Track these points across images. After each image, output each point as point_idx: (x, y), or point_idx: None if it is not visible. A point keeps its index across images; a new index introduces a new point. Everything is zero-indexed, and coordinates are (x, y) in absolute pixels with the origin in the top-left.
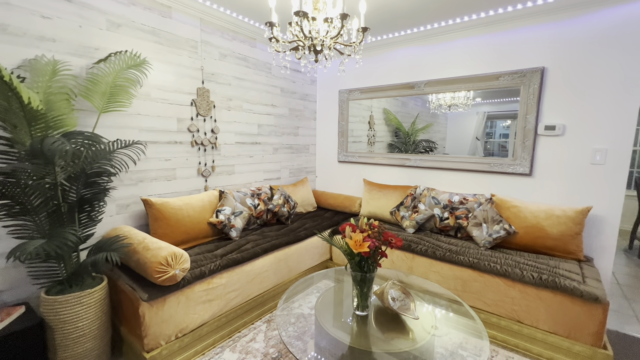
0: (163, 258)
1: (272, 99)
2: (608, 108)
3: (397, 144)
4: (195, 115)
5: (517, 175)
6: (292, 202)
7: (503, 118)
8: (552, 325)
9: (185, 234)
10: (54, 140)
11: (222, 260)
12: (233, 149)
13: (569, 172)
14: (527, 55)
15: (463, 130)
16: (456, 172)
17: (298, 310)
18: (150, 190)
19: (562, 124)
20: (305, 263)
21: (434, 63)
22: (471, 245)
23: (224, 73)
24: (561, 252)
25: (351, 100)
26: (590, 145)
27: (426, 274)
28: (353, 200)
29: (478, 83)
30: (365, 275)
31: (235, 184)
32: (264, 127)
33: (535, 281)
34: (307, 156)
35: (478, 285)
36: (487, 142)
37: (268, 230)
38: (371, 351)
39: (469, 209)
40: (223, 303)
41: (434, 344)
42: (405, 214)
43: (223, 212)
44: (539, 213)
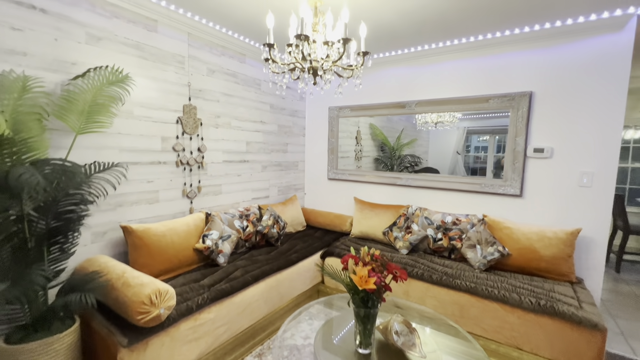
0: (146, 297)
1: (262, 116)
2: (593, 132)
3: (383, 159)
4: (181, 133)
5: (507, 196)
6: (281, 223)
7: (482, 133)
8: (551, 351)
9: (168, 263)
10: (22, 172)
11: (210, 292)
12: (220, 167)
13: (558, 194)
14: (516, 79)
15: (444, 145)
16: (447, 191)
17: (291, 342)
18: (130, 215)
19: (550, 146)
20: (297, 288)
21: (425, 83)
22: (466, 268)
23: (212, 89)
24: (554, 274)
25: (341, 117)
26: (578, 168)
27: (423, 299)
28: (344, 219)
29: (468, 105)
30: (370, 311)
31: (222, 204)
32: (253, 145)
33: (534, 307)
34: (296, 173)
35: (476, 311)
36: (467, 156)
37: (257, 254)
38: None
39: (462, 229)
40: (211, 340)
41: None
42: (399, 235)
43: (210, 236)
44: (531, 235)
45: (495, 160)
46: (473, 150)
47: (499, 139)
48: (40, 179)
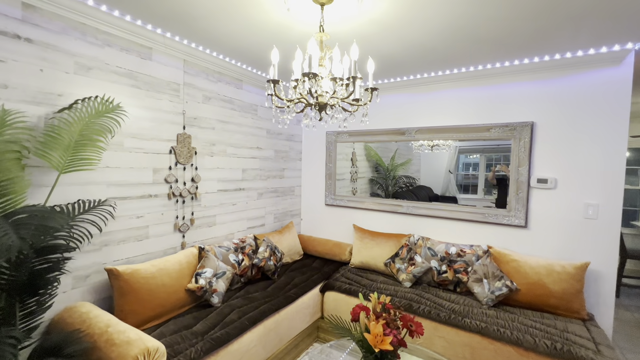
0: (133, 359)
1: (258, 142)
2: (596, 164)
3: (377, 179)
4: (174, 163)
5: (512, 227)
6: (278, 254)
7: (472, 152)
8: None
9: (159, 308)
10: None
11: (205, 343)
12: (215, 197)
13: (564, 226)
14: (517, 109)
15: (436, 164)
16: (450, 220)
17: None
18: (117, 254)
19: (553, 177)
20: (296, 328)
21: (425, 110)
22: (474, 304)
23: (207, 117)
24: (565, 310)
25: (339, 143)
26: (582, 200)
27: (431, 339)
28: (343, 247)
29: (469, 133)
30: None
31: (216, 236)
32: (249, 172)
33: (550, 351)
34: (293, 199)
35: (488, 354)
36: (458, 174)
37: (253, 290)
38: None
39: (468, 262)
40: None
41: None
42: (402, 267)
43: (203, 275)
44: (540, 269)
45: (485, 178)
46: (462, 167)
47: (489, 157)
48: (15, 239)
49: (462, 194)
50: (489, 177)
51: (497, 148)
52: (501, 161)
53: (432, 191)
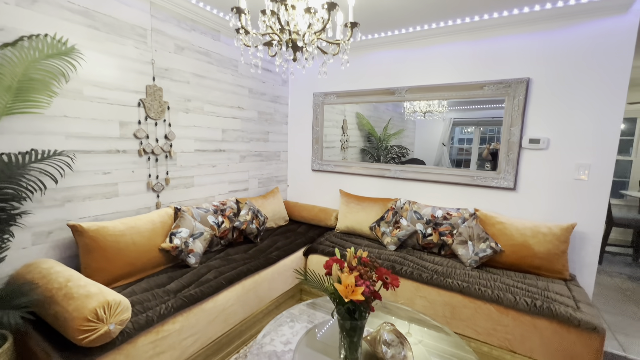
0: (91, 312)
1: (239, 101)
2: (591, 122)
3: (369, 150)
4: (144, 118)
5: (501, 190)
6: (261, 218)
7: (467, 125)
8: (546, 354)
9: (129, 266)
10: None
11: (176, 300)
12: (192, 157)
13: (553, 187)
14: (512, 65)
15: (430, 136)
16: (438, 184)
17: (270, 347)
18: (83, 211)
19: (546, 137)
20: (277, 289)
21: (416, 68)
22: (457, 265)
23: (180, 69)
24: (548, 271)
25: (326, 105)
26: (574, 160)
27: (412, 300)
28: (329, 212)
29: (462, 92)
30: (357, 323)
31: (195, 198)
32: (230, 133)
33: (529, 308)
34: (278, 164)
35: (468, 312)
36: (451, 147)
37: (234, 252)
38: None
39: (453, 224)
40: (177, 353)
41: None
42: (387, 230)
43: (179, 234)
44: (525, 230)
45: (479, 152)
46: (457, 142)
47: (483, 130)
48: None
49: (454, 168)
50: (484, 154)
51: (492, 121)
52: (495, 134)
53: (425, 164)
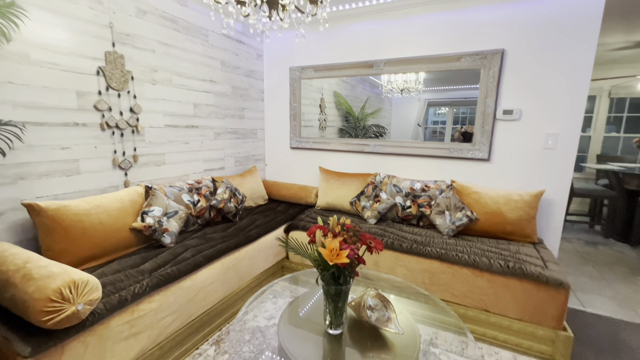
0: (54, 291)
1: (211, 74)
2: (560, 94)
3: (347, 129)
4: (104, 88)
5: (475, 161)
6: (239, 196)
7: (441, 105)
8: (517, 312)
9: (97, 247)
10: None
11: (152, 279)
12: (162, 133)
13: (525, 157)
14: (488, 36)
15: (406, 117)
16: (416, 157)
17: (253, 323)
18: (40, 190)
19: (519, 108)
20: (258, 267)
21: (394, 40)
22: (435, 235)
23: (144, 35)
24: (519, 236)
25: (304, 79)
26: (544, 130)
27: (393, 269)
28: (309, 190)
29: (439, 64)
30: (342, 288)
31: (167, 177)
32: (202, 108)
33: (503, 270)
34: (255, 142)
35: (446, 277)
36: (426, 128)
37: (212, 231)
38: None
39: (431, 196)
40: (155, 333)
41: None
42: (367, 204)
43: (151, 213)
44: (498, 199)
45: (452, 134)
46: (431, 123)
47: (456, 112)
48: None
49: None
50: (455, 136)
51: (465, 101)
52: (468, 114)
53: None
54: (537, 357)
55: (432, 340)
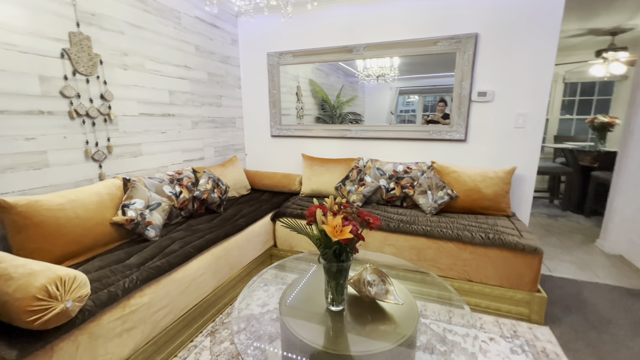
0: (40, 289)
1: (186, 59)
2: (528, 76)
3: (324, 117)
4: (71, 73)
5: (453, 142)
6: (223, 186)
7: (412, 93)
8: (497, 279)
9: (75, 244)
10: None
11: (141, 272)
12: (137, 122)
13: (498, 136)
14: (462, 20)
15: (379, 105)
16: (397, 141)
17: (247, 312)
18: (4, 185)
19: (492, 90)
20: (247, 255)
21: (374, 25)
22: (419, 214)
23: (111, 15)
24: (495, 210)
25: (282, 65)
26: (515, 110)
27: (381, 248)
28: (292, 178)
29: (417, 48)
30: (343, 264)
31: (145, 168)
32: (178, 95)
33: (484, 241)
34: (234, 131)
35: (432, 252)
36: (399, 116)
37: (197, 223)
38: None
39: (414, 177)
40: (149, 327)
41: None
42: (352, 188)
43: (132, 206)
44: (476, 176)
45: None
46: (400, 111)
47: (426, 100)
48: None
49: (412, 124)
50: (422, 123)
51: (434, 89)
52: (432, 102)
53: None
54: (515, 318)
55: (421, 312)
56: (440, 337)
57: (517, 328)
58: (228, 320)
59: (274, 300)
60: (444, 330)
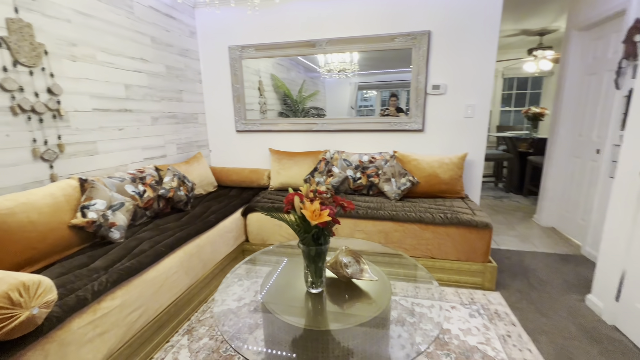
0: (1, 297)
1: (142, 51)
2: (474, 70)
3: (287, 112)
4: (11, 63)
5: (412, 132)
6: (189, 184)
7: (371, 88)
8: (456, 254)
9: (30, 251)
10: None
11: (111, 274)
12: (91, 118)
13: (451, 126)
14: (416, 18)
15: (340, 99)
16: (361, 133)
17: (223, 307)
18: None
19: (445, 83)
20: (220, 252)
21: (336, 21)
22: (384, 200)
23: (55, 1)
24: (451, 193)
25: (245, 59)
26: (464, 102)
27: (352, 234)
28: (260, 173)
29: (377, 43)
30: (322, 247)
31: (102, 168)
32: (135, 89)
33: (444, 221)
34: (197, 127)
35: (398, 235)
36: (359, 110)
37: (164, 222)
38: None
39: (378, 166)
40: (123, 330)
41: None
42: (321, 180)
43: (93, 207)
44: (434, 163)
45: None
46: (359, 106)
47: (383, 95)
48: None
49: (376, 117)
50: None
51: (391, 84)
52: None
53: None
54: (472, 287)
55: (392, 291)
56: (409, 310)
57: (474, 296)
58: (204, 318)
59: (250, 293)
60: (412, 304)
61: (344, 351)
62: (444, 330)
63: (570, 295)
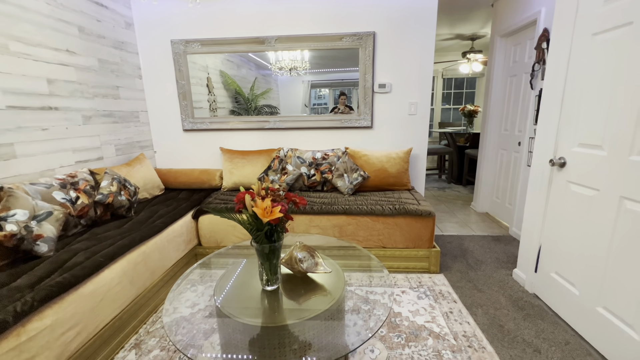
0: None
1: (67, 42)
2: (415, 70)
3: (239, 110)
4: None
5: (362, 129)
6: (131, 187)
7: (323, 87)
8: (404, 242)
9: None
10: None
11: (37, 292)
12: (5, 117)
13: (397, 122)
14: (362, 19)
15: (293, 98)
16: (314, 130)
17: (175, 315)
18: None
19: (390, 82)
20: (170, 258)
21: (284, 18)
22: (338, 195)
23: None
24: (398, 185)
25: (189, 54)
26: (407, 100)
27: (308, 230)
28: (211, 173)
29: (325, 42)
30: (275, 245)
31: (22, 174)
32: (61, 85)
33: (392, 212)
34: (138, 126)
35: (352, 228)
36: (313, 108)
37: (103, 231)
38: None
39: (331, 163)
40: (56, 353)
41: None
42: (275, 178)
43: (12, 218)
44: (382, 158)
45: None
46: (313, 104)
47: (335, 93)
48: None
49: (328, 114)
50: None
51: (342, 82)
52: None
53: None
54: (419, 272)
55: (347, 282)
56: (364, 298)
57: (421, 279)
58: (154, 329)
59: (205, 298)
60: (366, 292)
61: (302, 344)
62: (396, 313)
63: (500, 271)
